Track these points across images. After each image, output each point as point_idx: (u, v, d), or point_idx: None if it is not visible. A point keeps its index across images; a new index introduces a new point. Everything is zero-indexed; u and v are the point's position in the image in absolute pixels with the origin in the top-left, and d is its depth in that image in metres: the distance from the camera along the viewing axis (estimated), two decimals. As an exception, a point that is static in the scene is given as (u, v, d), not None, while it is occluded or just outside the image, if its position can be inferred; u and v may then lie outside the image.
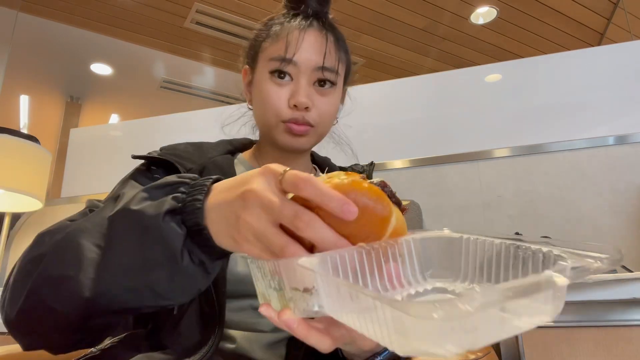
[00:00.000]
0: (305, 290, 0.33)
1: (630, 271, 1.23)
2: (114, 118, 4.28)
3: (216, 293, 0.58)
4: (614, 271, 1.17)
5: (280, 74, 0.69)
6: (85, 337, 0.48)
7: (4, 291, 0.47)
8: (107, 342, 0.60)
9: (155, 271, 0.41)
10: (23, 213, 2.12)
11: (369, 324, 0.26)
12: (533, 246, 0.33)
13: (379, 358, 0.47)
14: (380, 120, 1.96)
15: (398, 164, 1.84)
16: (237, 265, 0.63)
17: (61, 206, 2.17)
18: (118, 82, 3.75)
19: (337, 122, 0.83)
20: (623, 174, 1.57)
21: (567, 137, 1.69)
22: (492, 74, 1.92)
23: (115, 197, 0.49)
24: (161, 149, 0.71)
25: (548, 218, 1.61)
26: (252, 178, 0.37)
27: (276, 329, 0.63)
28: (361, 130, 1.88)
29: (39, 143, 1.92)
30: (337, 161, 0.92)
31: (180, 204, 0.41)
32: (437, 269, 0.39)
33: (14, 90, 3.62)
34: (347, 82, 0.80)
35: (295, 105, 0.68)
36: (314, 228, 0.33)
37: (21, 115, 3.95)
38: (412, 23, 3.08)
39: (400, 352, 0.25)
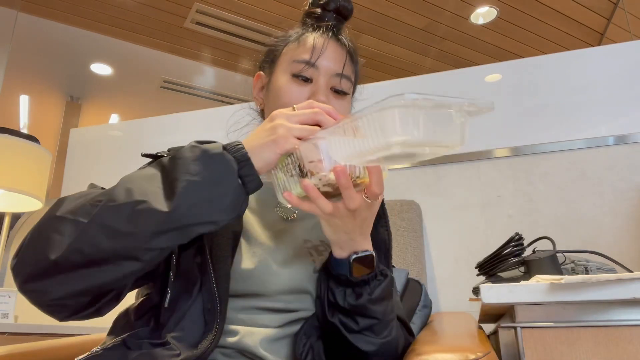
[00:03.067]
0: (319, 161, 0.49)
1: (630, 271, 1.23)
2: (114, 118, 4.29)
3: (218, 289, 0.60)
4: (614, 271, 1.17)
5: (302, 76, 0.74)
6: (93, 301, 0.54)
7: (21, 248, 0.53)
8: (109, 341, 0.60)
9: (215, 187, 0.52)
10: (23, 213, 2.12)
11: (360, 143, 0.44)
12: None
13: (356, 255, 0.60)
14: (380, 120, 1.95)
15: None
16: (242, 263, 0.65)
17: (61, 206, 2.16)
18: (118, 82, 3.75)
19: None
20: (623, 174, 1.57)
21: (567, 137, 1.68)
22: (492, 74, 1.91)
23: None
24: (169, 150, 0.73)
25: (548, 218, 1.61)
26: (269, 118, 0.56)
27: (280, 325, 0.64)
28: (361, 130, 1.88)
29: (39, 143, 1.92)
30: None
31: (226, 149, 0.55)
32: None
33: (14, 90, 3.62)
34: (354, 94, 0.86)
35: None
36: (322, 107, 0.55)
37: (21, 115, 3.96)
38: (412, 23, 3.08)
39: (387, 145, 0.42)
